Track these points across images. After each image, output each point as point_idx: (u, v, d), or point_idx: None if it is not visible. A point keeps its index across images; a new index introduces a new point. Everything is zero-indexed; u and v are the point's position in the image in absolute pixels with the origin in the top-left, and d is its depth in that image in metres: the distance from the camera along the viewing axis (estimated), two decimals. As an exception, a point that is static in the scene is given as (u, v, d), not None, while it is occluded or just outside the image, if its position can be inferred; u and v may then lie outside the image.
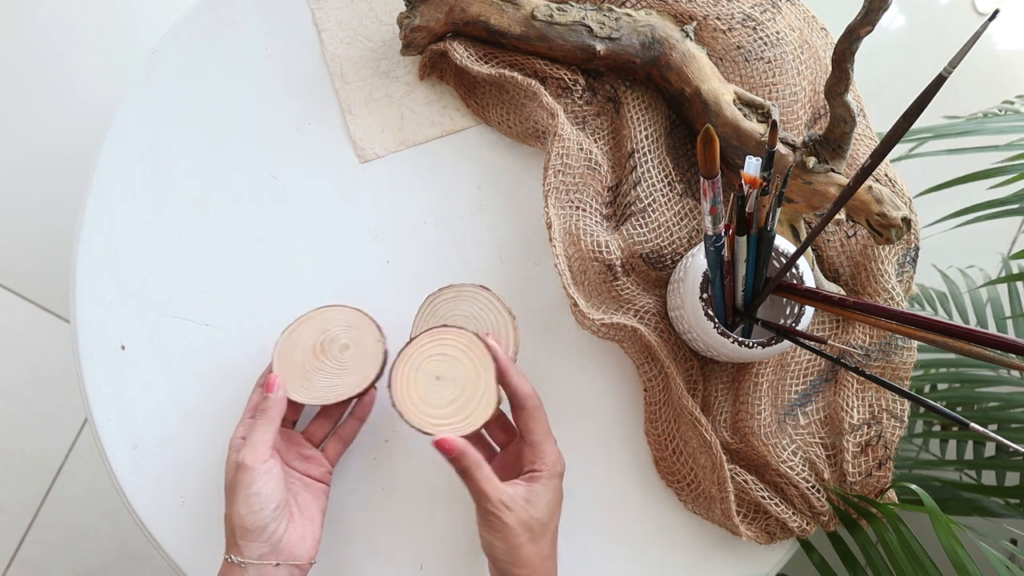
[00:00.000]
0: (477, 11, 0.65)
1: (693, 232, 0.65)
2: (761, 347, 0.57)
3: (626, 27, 0.64)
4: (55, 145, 1.31)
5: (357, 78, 0.71)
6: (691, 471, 0.64)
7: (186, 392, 0.65)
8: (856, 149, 0.67)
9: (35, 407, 1.25)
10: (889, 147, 0.43)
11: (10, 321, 1.26)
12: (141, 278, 0.67)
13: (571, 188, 0.64)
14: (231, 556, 0.52)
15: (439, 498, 0.65)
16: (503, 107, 0.69)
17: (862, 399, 0.64)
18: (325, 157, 0.69)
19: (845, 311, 0.52)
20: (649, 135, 0.65)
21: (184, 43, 0.70)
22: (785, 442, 0.63)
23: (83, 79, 1.33)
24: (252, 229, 0.68)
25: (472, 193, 0.70)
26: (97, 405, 0.65)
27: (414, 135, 0.70)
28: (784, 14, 0.66)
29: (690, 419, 0.62)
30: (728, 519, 0.62)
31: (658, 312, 0.65)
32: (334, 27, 0.71)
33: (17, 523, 1.22)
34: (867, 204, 0.58)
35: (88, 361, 0.65)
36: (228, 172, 0.69)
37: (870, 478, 0.63)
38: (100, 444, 0.64)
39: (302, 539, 0.54)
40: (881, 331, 0.65)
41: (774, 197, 0.52)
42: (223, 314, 0.67)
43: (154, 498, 0.64)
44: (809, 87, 0.66)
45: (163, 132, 0.69)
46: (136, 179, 0.68)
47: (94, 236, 0.67)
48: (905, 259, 0.66)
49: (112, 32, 1.35)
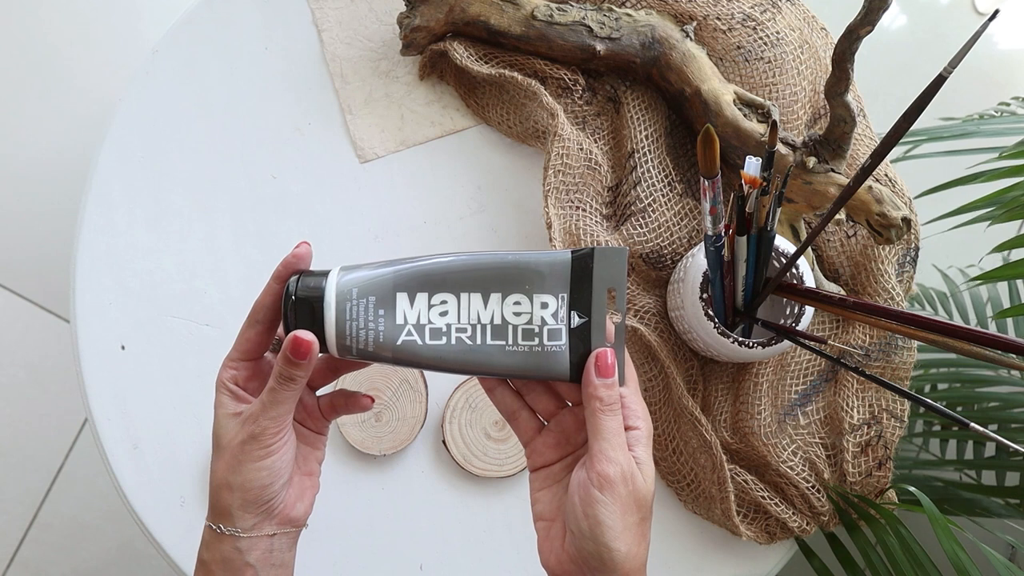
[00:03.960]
0: (477, 11, 0.65)
1: (693, 232, 0.65)
2: (761, 347, 0.57)
3: (626, 27, 0.64)
4: (55, 145, 1.31)
5: (357, 78, 0.71)
6: (691, 471, 0.64)
7: (186, 392, 0.65)
8: (856, 149, 0.67)
9: (35, 407, 1.24)
10: (889, 147, 0.43)
11: (10, 321, 1.26)
12: (141, 278, 0.67)
13: (571, 188, 0.64)
14: (220, 526, 0.44)
15: (439, 498, 0.65)
16: (503, 107, 0.69)
17: (862, 399, 0.64)
18: (325, 157, 0.69)
19: (845, 311, 0.52)
20: (649, 135, 0.65)
21: (184, 43, 0.70)
22: (785, 442, 0.63)
23: (83, 79, 1.33)
24: (252, 229, 0.68)
25: (472, 193, 0.70)
26: (97, 405, 0.65)
27: (414, 135, 0.70)
28: (784, 14, 0.66)
29: (690, 419, 0.62)
30: (728, 519, 0.62)
31: (658, 312, 0.65)
32: (334, 27, 0.71)
33: (17, 523, 1.22)
34: (867, 204, 0.58)
35: (88, 361, 0.65)
36: (228, 172, 0.69)
37: (870, 478, 0.63)
38: (100, 444, 0.64)
39: (300, 498, 0.46)
40: (881, 331, 0.65)
41: (774, 197, 0.52)
42: (223, 314, 0.66)
43: (154, 498, 0.64)
44: (809, 87, 0.66)
45: (163, 132, 0.69)
46: (136, 179, 0.68)
47: (94, 236, 0.67)
48: (905, 259, 0.66)
49: (112, 32, 1.35)
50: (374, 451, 0.63)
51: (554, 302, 0.39)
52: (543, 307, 0.39)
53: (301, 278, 0.39)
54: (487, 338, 0.39)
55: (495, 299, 0.39)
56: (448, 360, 0.39)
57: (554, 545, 0.41)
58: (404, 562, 0.64)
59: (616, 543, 0.38)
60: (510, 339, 0.39)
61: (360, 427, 0.64)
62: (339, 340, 0.38)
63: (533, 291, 0.39)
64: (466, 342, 0.39)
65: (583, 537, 0.38)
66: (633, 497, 0.39)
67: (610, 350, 0.40)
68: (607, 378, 0.39)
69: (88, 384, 0.65)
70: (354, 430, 0.64)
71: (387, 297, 0.39)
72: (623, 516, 0.38)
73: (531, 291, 0.39)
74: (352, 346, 0.39)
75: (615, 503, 0.38)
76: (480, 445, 0.64)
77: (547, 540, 0.42)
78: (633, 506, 0.39)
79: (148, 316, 0.66)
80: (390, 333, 0.38)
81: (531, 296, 0.39)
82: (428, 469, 0.66)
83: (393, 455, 0.65)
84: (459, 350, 0.39)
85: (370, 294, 0.39)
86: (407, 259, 0.40)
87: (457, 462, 0.64)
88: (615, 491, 0.38)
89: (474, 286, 0.39)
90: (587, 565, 0.39)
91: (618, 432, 0.39)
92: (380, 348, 0.39)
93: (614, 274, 0.39)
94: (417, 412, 0.64)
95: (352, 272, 0.39)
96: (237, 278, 0.67)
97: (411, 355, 0.39)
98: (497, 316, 0.39)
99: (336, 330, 0.38)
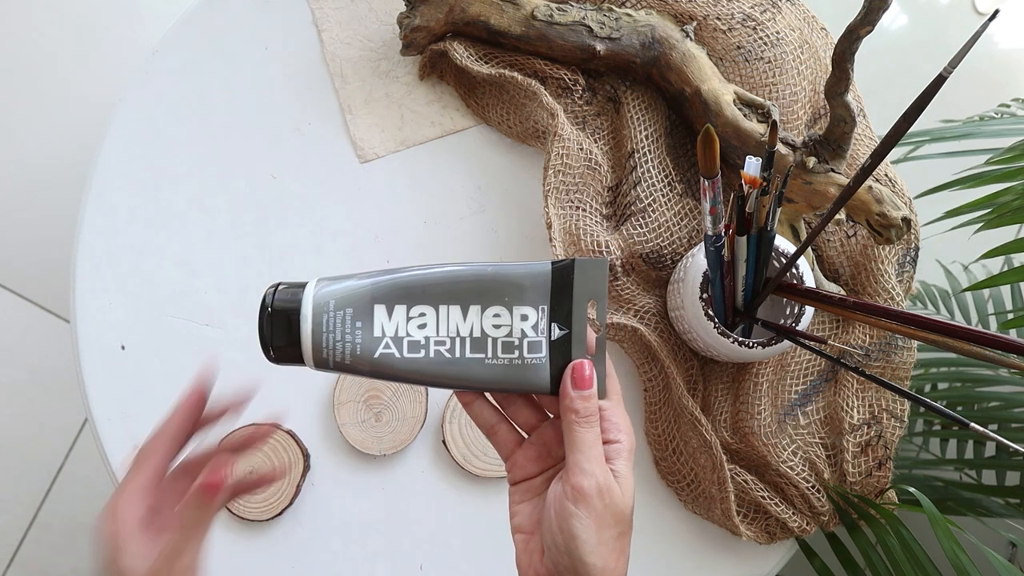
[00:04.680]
0: (477, 11, 0.65)
1: (693, 232, 0.65)
2: (761, 347, 0.57)
3: (626, 27, 0.64)
4: (55, 145, 1.31)
5: (357, 78, 0.71)
6: (691, 471, 0.64)
7: (186, 392, 0.65)
8: (856, 149, 0.67)
9: (35, 407, 1.24)
10: (889, 147, 0.43)
11: (10, 321, 1.26)
12: (141, 278, 0.67)
13: (571, 188, 0.64)
14: None
15: (439, 498, 0.65)
16: (503, 107, 0.69)
17: (862, 399, 0.64)
18: (325, 157, 0.69)
19: (845, 311, 0.52)
20: (649, 135, 0.65)
21: (184, 43, 0.70)
22: (785, 442, 0.63)
23: (83, 79, 1.33)
24: (252, 229, 0.68)
25: (472, 193, 0.70)
26: (97, 405, 0.65)
27: (414, 135, 0.70)
28: (784, 14, 0.66)
29: (690, 419, 0.62)
30: (728, 519, 0.62)
31: (658, 312, 0.65)
32: (334, 27, 0.71)
33: (17, 523, 1.22)
34: (867, 204, 0.58)
35: (88, 361, 0.65)
36: (228, 172, 0.69)
37: (870, 478, 0.63)
38: (100, 444, 0.64)
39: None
40: (881, 331, 0.65)
41: (774, 197, 0.52)
42: (223, 314, 0.66)
43: (154, 498, 0.64)
44: (809, 87, 0.66)
45: (163, 132, 0.69)
46: (136, 179, 0.68)
47: (94, 236, 0.67)
48: (905, 259, 0.66)
49: (112, 32, 1.35)
50: (374, 451, 0.63)
51: (534, 314, 0.39)
52: (523, 319, 0.39)
53: (278, 290, 0.39)
54: (466, 351, 0.39)
55: (474, 311, 0.39)
56: (427, 373, 0.39)
57: (532, 559, 0.41)
58: (404, 562, 0.64)
59: (591, 557, 0.37)
60: (489, 352, 0.39)
61: (360, 427, 0.64)
62: (315, 353, 0.38)
63: (513, 303, 0.39)
64: (445, 355, 0.39)
65: (559, 551, 0.38)
66: (610, 511, 0.38)
67: (587, 362, 0.39)
68: (584, 390, 0.39)
69: (88, 384, 0.65)
70: (354, 430, 0.64)
71: (365, 309, 0.38)
72: (598, 530, 0.37)
73: (511, 303, 0.39)
74: (329, 359, 0.38)
75: (590, 517, 0.37)
76: (480, 445, 0.64)
77: (525, 553, 0.41)
78: (610, 520, 0.38)
79: (148, 316, 0.66)
80: (367, 346, 0.38)
81: (511, 308, 0.39)
82: (428, 469, 0.66)
83: (393, 455, 0.65)
84: (438, 363, 0.39)
85: (348, 306, 0.38)
86: (386, 271, 0.39)
87: (457, 462, 0.64)
88: (590, 504, 0.37)
89: (453, 298, 0.39)
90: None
91: (594, 444, 0.39)
92: (357, 361, 0.38)
93: (595, 286, 0.39)
94: (417, 412, 0.64)
95: (330, 284, 0.39)
96: (237, 278, 0.67)
97: (389, 368, 0.38)
98: (476, 329, 0.39)
99: (312, 342, 0.38)
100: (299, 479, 0.62)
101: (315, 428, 0.65)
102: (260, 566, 0.63)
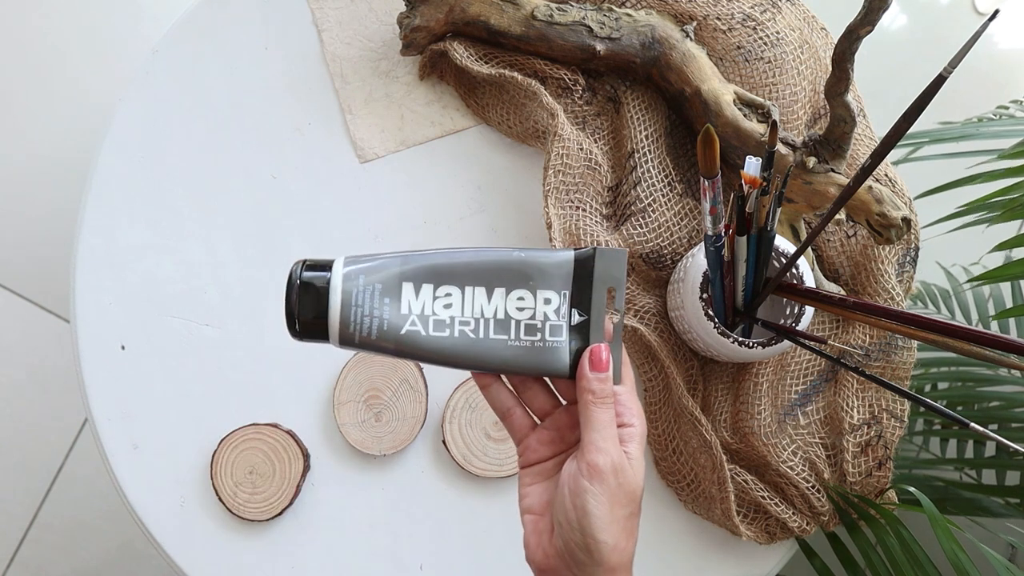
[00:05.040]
0: (477, 11, 0.65)
1: (693, 232, 0.65)
2: (761, 347, 0.57)
3: (626, 27, 0.64)
4: (55, 145, 1.31)
5: (357, 78, 0.71)
6: (691, 471, 0.64)
7: (186, 392, 0.65)
8: (856, 149, 0.67)
9: (35, 407, 1.24)
10: (889, 147, 0.43)
11: (10, 321, 1.26)
12: (141, 278, 0.67)
13: (571, 188, 0.64)
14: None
15: (439, 498, 0.65)
16: (503, 107, 0.69)
17: (862, 399, 0.64)
18: (325, 157, 0.69)
19: (845, 311, 0.52)
20: (649, 135, 0.65)
21: (184, 43, 0.70)
22: (785, 442, 0.63)
23: (83, 79, 1.33)
24: (252, 229, 0.68)
25: (472, 193, 0.70)
26: (97, 405, 0.65)
27: (414, 135, 0.70)
28: (784, 14, 0.66)
29: (690, 419, 0.62)
30: (728, 519, 0.62)
31: (658, 312, 0.65)
32: (334, 27, 0.71)
33: (17, 523, 1.22)
34: (867, 204, 0.58)
35: (88, 361, 0.65)
36: (228, 172, 0.69)
37: (870, 478, 0.63)
38: (100, 444, 0.64)
39: None
40: (881, 331, 0.65)
41: (774, 197, 0.52)
42: (223, 314, 0.66)
43: (154, 498, 0.64)
44: (809, 87, 0.66)
45: (163, 132, 0.69)
46: (136, 179, 0.68)
47: (94, 236, 0.67)
48: (905, 259, 0.66)
49: (112, 32, 1.35)
50: (374, 451, 0.63)
51: (556, 299, 0.40)
52: (546, 303, 0.40)
53: (305, 264, 0.39)
54: (490, 332, 0.39)
55: (499, 294, 0.39)
56: (450, 353, 0.39)
57: (541, 539, 0.41)
58: (404, 562, 0.64)
59: (602, 534, 0.38)
60: (512, 334, 0.39)
61: (360, 427, 0.64)
62: (343, 327, 0.38)
63: (537, 287, 0.39)
64: (469, 335, 0.39)
65: (570, 528, 0.39)
66: (623, 490, 0.39)
67: (604, 345, 0.40)
68: (601, 372, 0.40)
69: (88, 384, 0.65)
70: (354, 430, 0.64)
71: (393, 286, 0.39)
72: (611, 508, 0.38)
73: (535, 287, 0.39)
74: (355, 334, 0.38)
75: (603, 494, 0.38)
76: (480, 445, 0.64)
77: (534, 534, 0.42)
78: (623, 498, 0.39)
79: (148, 316, 0.66)
80: (394, 322, 0.38)
81: (535, 292, 0.40)
82: (428, 469, 0.66)
83: (393, 455, 0.65)
84: (462, 343, 0.39)
85: (376, 282, 0.38)
86: (414, 250, 0.40)
87: (457, 462, 0.64)
88: (604, 481, 0.38)
89: (479, 280, 0.39)
90: (573, 558, 0.39)
91: (609, 424, 0.40)
92: (383, 337, 0.38)
93: (614, 274, 0.39)
94: (417, 412, 0.64)
95: (358, 261, 0.39)
96: (237, 278, 0.67)
97: (413, 346, 0.39)
98: (500, 311, 0.39)
99: (340, 316, 0.38)
100: (299, 479, 0.62)
101: (315, 428, 0.65)
102: (260, 566, 0.64)
